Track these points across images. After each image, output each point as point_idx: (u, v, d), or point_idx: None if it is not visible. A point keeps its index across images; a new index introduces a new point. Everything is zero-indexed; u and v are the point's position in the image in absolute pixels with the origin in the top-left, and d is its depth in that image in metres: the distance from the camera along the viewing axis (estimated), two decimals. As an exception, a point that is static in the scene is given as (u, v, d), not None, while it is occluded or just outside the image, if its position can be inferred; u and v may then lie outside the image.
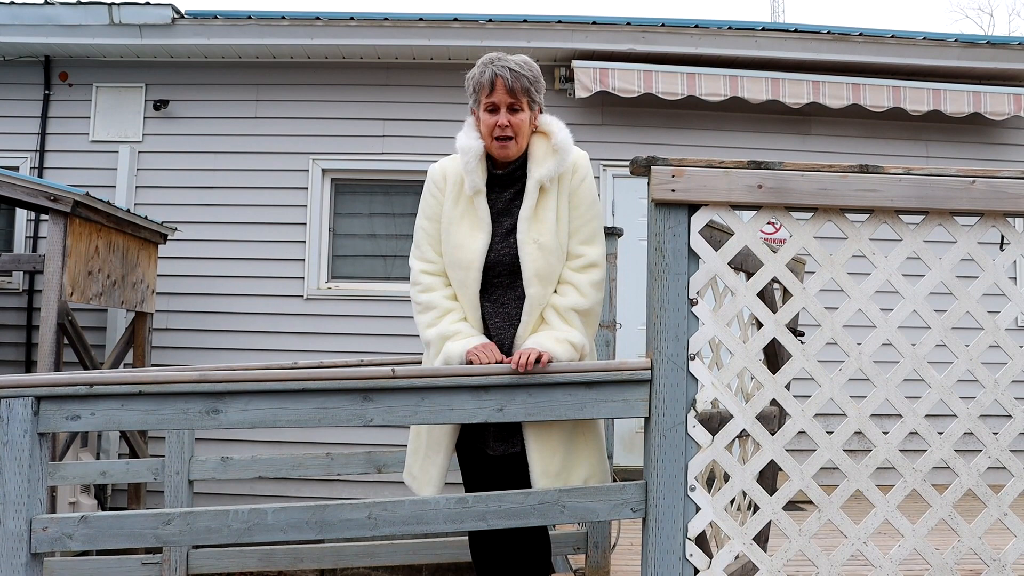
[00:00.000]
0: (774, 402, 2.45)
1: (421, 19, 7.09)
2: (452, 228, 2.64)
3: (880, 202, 2.35)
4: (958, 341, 2.39)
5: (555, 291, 2.61)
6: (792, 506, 5.24)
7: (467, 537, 2.83)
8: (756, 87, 7.10)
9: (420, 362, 2.83)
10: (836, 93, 7.13)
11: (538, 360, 2.36)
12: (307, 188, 7.36)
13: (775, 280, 2.42)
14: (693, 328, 2.33)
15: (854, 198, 2.35)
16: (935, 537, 2.46)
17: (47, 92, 7.48)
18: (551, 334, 2.52)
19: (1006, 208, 2.38)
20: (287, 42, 7.17)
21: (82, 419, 2.31)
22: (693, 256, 2.34)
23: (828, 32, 7.17)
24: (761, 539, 2.84)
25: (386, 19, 7.08)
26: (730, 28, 7.14)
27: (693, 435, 2.30)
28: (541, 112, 2.70)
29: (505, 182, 2.68)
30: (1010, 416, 2.40)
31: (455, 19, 7.09)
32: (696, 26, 7.14)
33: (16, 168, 7.20)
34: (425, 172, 2.79)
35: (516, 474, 2.58)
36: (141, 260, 6.58)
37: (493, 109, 2.61)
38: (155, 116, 7.46)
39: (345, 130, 7.42)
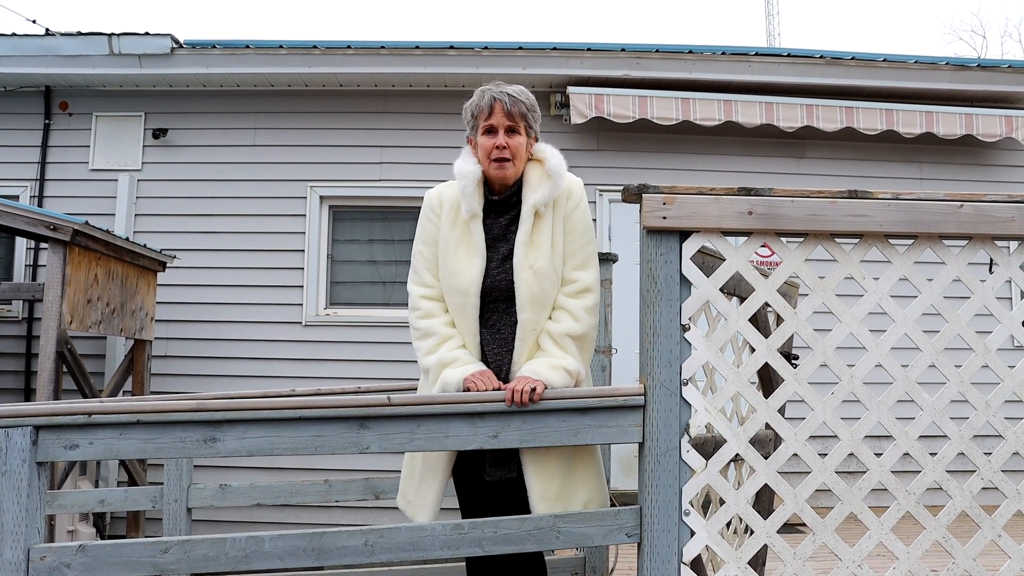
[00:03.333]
0: (768, 426, 2.47)
1: (417, 47, 7.16)
2: (449, 254, 2.67)
3: (869, 227, 2.37)
4: (949, 363, 2.41)
5: (550, 317, 2.63)
6: (790, 528, 5.22)
7: (464, 563, 2.84)
8: (750, 111, 7.16)
9: (417, 389, 2.85)
10: (829, 117, 7.19)
11: (533, 391, 2.38)
12: (305, 215, 7.40)
13: (768, 304, 2.44)
14: (686, 353, 2.35)
15: (844, 223, 2.37)
16: (930, 559, 2.47)
17: (47, 121, 7.55)
18: (546, 361, 2.54)
19: (994, 231, 2.40)
20: (285, 71, 7.24)
21: (81, 448, 2.32)
22: (685, 282, 2.36)
23: (821, 56, 7.24)
24: (757, 562, 2.85)
25: (383, 47, 7.15)
26: (724, 53, 7.21)
27: (687, 460, 2.32)
28: (536, 140, 2.76)
29: (501, 208, 2.71)
30: (1002, 437, 2.42)
31: (451, 47, 7.16)
32: (690, 51, 7.22)
33: (16, 197, 7.25)
34: (423, 198, 2.82)
35: (513, 499, 2.59)
36: (140, 288, 6.61)
37: (491, 131, 2.66)
38: (154, 145, 7.52)
39: (343, 157, 7.48)
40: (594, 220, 2.76)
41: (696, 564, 2.36)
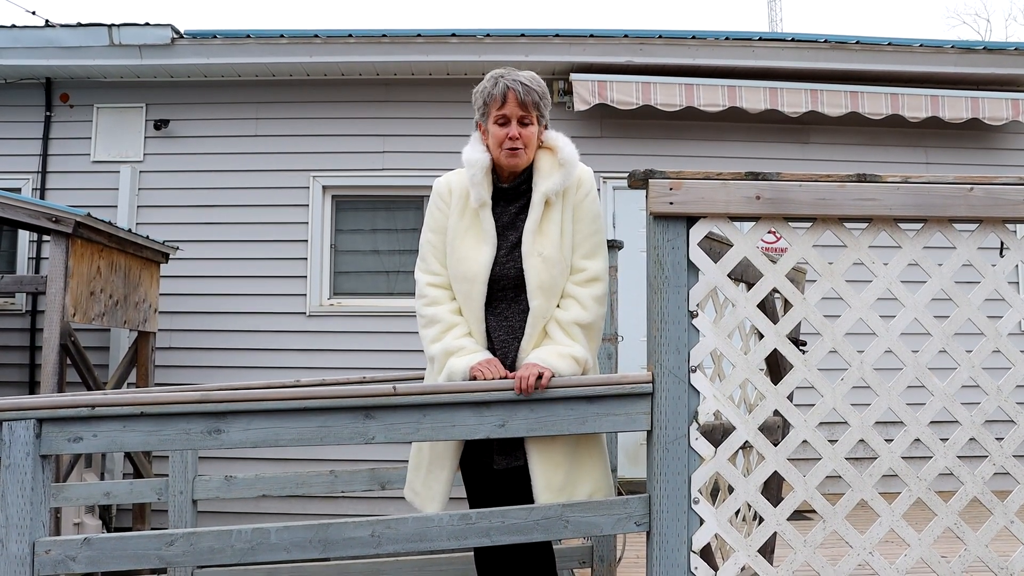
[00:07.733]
0: (777, 412, 2.45)
1: (419, 35, 7.12)
2: (457, 241, 2.65)
3: (878, 211, 2.35)
4: (960, 348, 2.39)
5: (558, 305, 2.61)
6: (799, 515, 5.20)
7: (472, 552, 2.82)
8: (754, 97, 7.12)
9: (423, 378, 2.83)
10: (834, 101, 7.15)
11: (540, 378, 2.36)
12: (308, 205, 7.38)
13: (776, 289, 2.41)
14: (694, 340, 2.32)
15: (852, 207, 2.34)
16: (941, 545, 2.45)
17: (48, 113, 7.52)
18: (554, 349, 2.52)
19: (1004, 214, 2.37)
20: (286, 60, 7.21)
21: (84, 441, 2.31)
22: (692, 268, 2.33)
23: (825, 41, 7.19)
24: (767, 550, 2.83)
25: (384, 36, 7.11)
26: (727, 39, 7.16)
27: (696, 447, 2.30)
28: (547, 128, 2.73)
29: (511, 196, 2.69)
30: (1014, 422, 2.39)
31: (453, 35, 7.12)
32: (693, 37, 7.17)
33: (18, 190, 7.23)
34: (426, 187, 2.80)
35: (521, 487, 2.56)
36: (143, 280, 6.59)
37: (504, 122, 2.63)
38: (156, 136, 7.49)
39: (345, 147, 7.45)
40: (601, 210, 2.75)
41: (705, 552, 2.34)
